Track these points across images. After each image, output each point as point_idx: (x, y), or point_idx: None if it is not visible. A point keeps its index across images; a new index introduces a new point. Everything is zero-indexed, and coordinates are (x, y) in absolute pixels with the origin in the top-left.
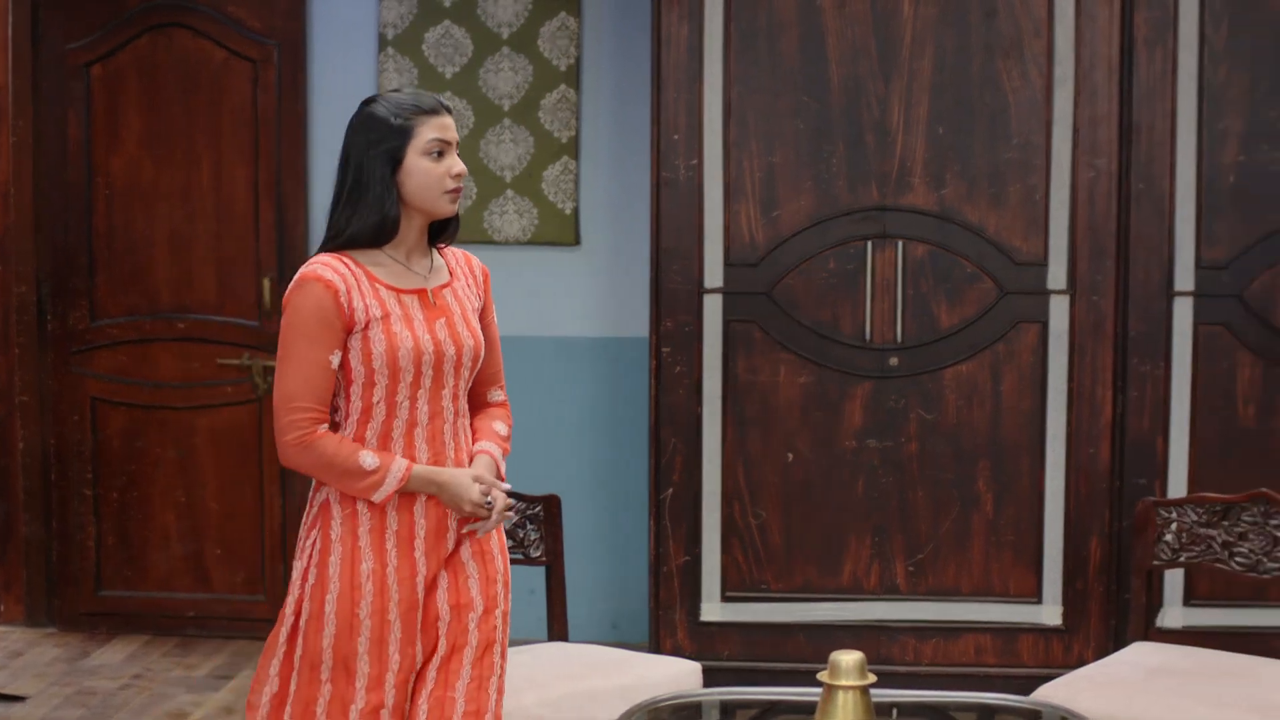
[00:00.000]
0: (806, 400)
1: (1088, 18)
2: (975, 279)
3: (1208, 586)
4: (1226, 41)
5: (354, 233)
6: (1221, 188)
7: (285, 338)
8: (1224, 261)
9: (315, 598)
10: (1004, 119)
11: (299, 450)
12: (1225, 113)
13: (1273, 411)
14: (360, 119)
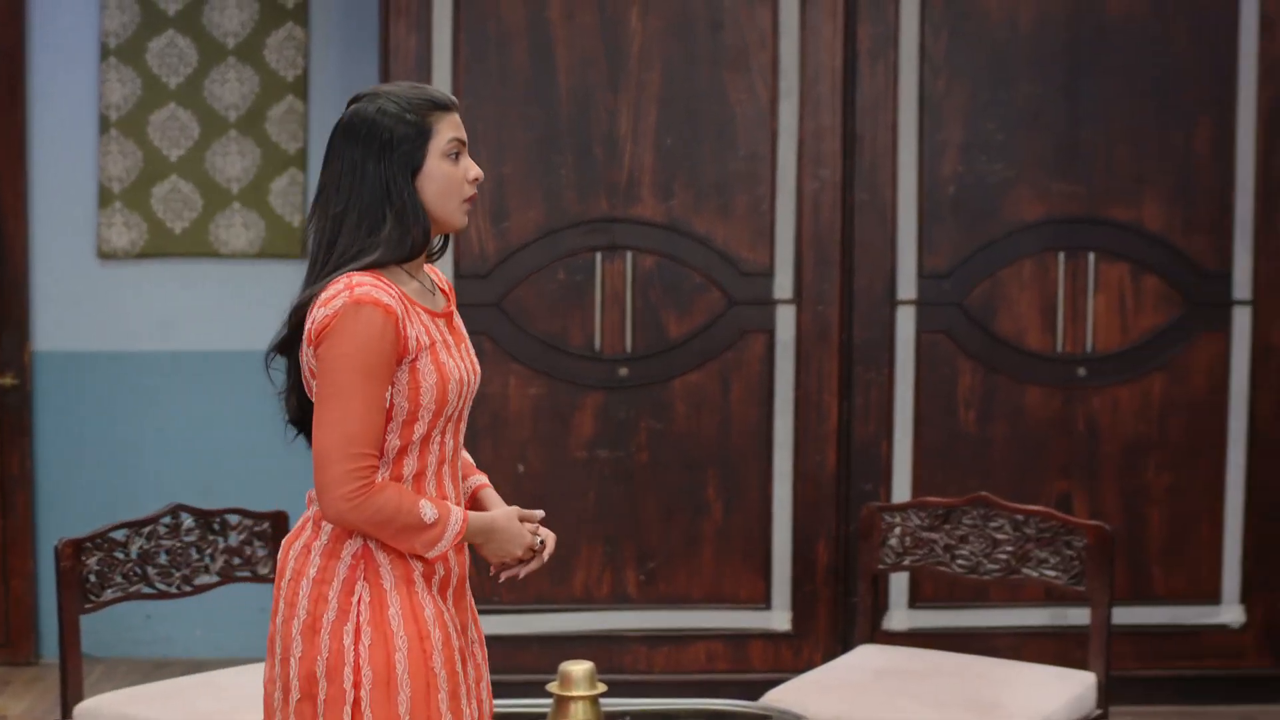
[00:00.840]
0: (537, 411)
1: (812, 31)
2: (703, 289)
3: (931, 589)
4: (946, 54)
5: (386, 251)
6: (942, 198)
7: (336, 371)
8: (945, 270)
9: (378, 659)
10: (731, 130)
11: (357, 505)
12: (945, 124)
13: (992, 417)
14: (362, 121)
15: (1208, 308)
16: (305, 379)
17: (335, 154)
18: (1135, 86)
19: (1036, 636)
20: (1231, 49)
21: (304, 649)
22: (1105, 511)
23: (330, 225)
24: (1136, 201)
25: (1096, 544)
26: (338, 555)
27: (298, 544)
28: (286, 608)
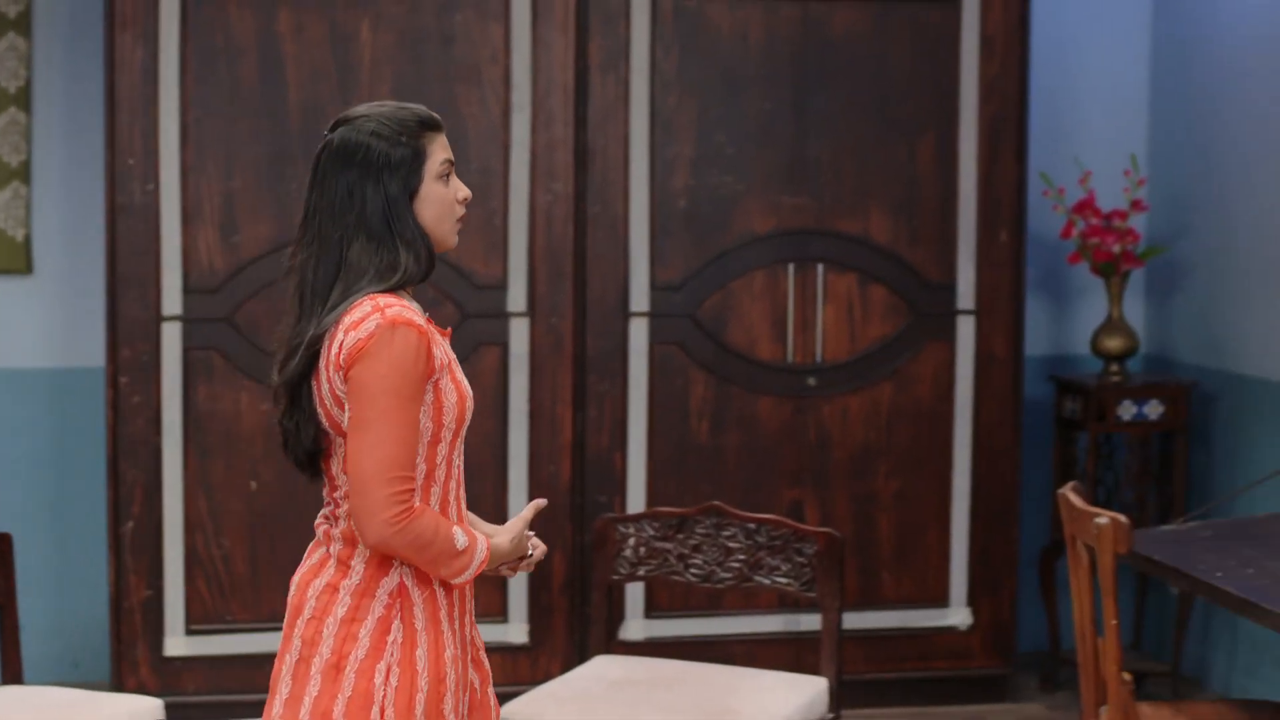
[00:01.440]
0: (269, 427)
1: (543, 45)
2: (437, 303)
3: (666, 598)
4: (677, 69)
5: (407, 274)
6: (673, 211)
7: (374, 394)
8: (677, 283)
9: (401, 701)
10: (463, 144)
11: (400, 530)
12: (676, 138)
13: (724, 427)
14: (357, 145)
15: (933, 318)
16: (325, 408)
17: (327, 178)
18: (861, 102)
19: (770, 643)
20: (953, 67)
21: (322, 687)
22: (836, 518)
23: (333, 249)
24: (863, 214)
25: (826, 550)
26: (372, 594)
27: (318, 582)
28: (304, 646)
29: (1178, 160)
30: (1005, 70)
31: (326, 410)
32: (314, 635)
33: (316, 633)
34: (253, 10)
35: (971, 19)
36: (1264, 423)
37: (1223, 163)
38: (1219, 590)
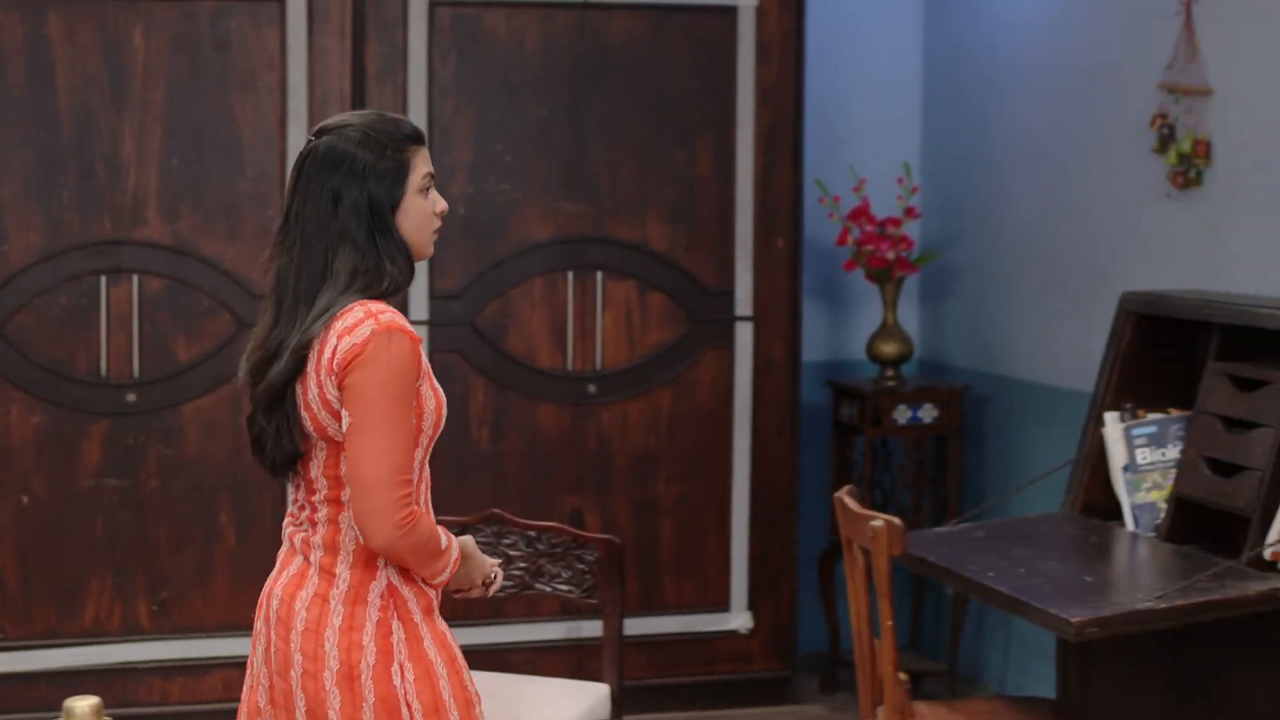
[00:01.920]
0: (41, 440)
1: (320, 51)
2: (213, 312)
3: (448, 607)
4: (454, 76)
5: (393, 282)
6: (452, 219)
7: (375, 400)
8: (456, 290)
9: (424, 691)
10: (238, 151)
11: (405, 531)
12: (454, 145)
13: (504, 434)
14: (342, 154)
15: (711, 324)
16: (312, 411)
17: (312, 184)
18: (638, 109)
19: (552, 650)
20: (730, 73)
21: (344, 698)
22: (617, 525)
23: (317, 256)
24: (641, 221)
25: (607, 557)
26: (364, 600)
27: (304, 594)
28: (308, 661)
29: (949, 168)
30: (781, 78)
31: (313, 415)
32: (315, 649)
33: (318, 645)
34: (20, 12)
35: (748, 26)
36: (1034, 425)
37: (991, 171)
38: (991, 590)
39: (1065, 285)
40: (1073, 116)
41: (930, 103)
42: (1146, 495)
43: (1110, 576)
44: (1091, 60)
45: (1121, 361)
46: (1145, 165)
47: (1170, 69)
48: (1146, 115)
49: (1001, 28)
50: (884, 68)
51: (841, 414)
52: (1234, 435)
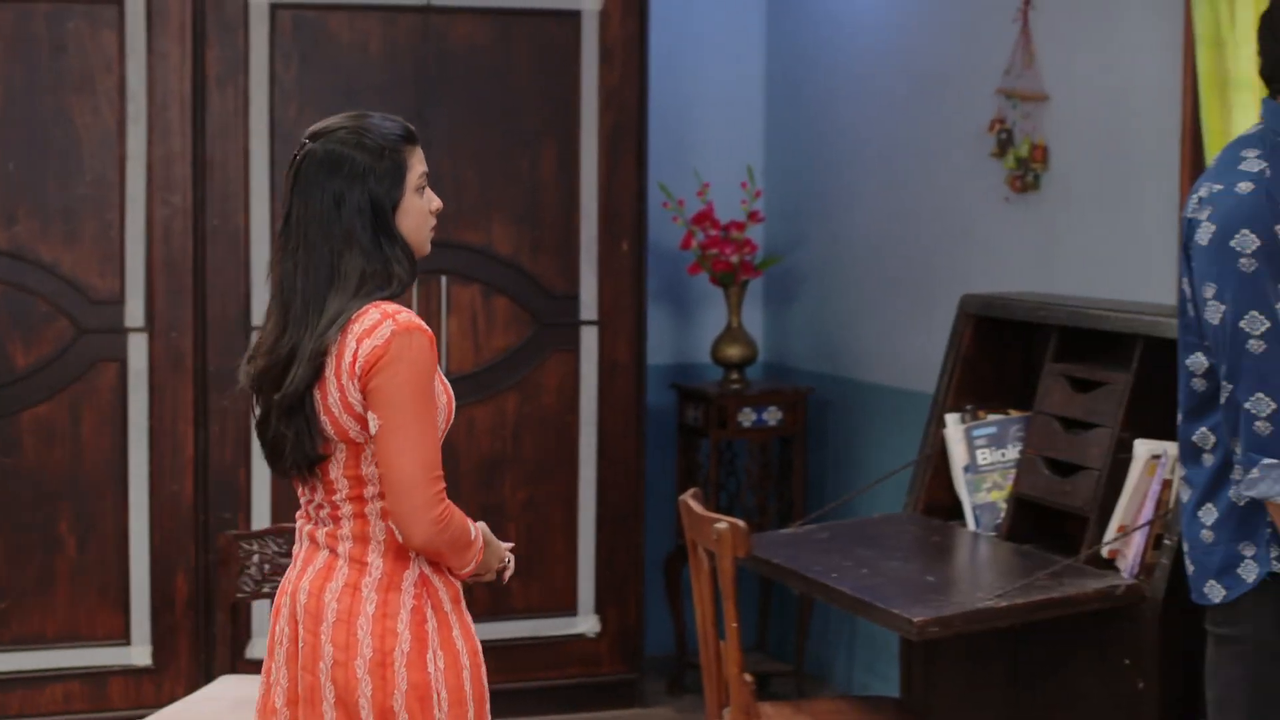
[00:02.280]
0: None
1: (159, 55)
2: (51, 318)
3: None
4: (297, 80)
5: (400, 282)
6: None
7: (405, 399)
8: None
9: (451, 681)
10: (76, 155)
11: (443, 526)
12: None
13: None
14: (342, 157)
15: (557, 328)
16: (331, 414)
17: (311, 189)
18: (483, 113)
19: None
20: (574, 77)
21: (375, 685)
22: None
23: (323, 260)
24: (486, 225)
25: None
26: (398, 588)
27: (334, 585)
28: (339, 652)
29: (791, 173)
30: (625, 82)
31: (334, 418)
32: (347, 639)
33: (350, 635)
34: None
35: (591, 31)
36: (878, 426)
37: (833, 175)
38: (835, 591)
39: (907, 288)
40: (913, 121)
41: (773, 107)
42: (987, 495)
43: (952, 576)
44: (931, 66)
45: (961, 363)
46: (984, 169)
47: (1008, 75)
48: (985, 120)
49: (843, 33)
50: (727, 72)
51: (687, 417)
52: (1072, 435)
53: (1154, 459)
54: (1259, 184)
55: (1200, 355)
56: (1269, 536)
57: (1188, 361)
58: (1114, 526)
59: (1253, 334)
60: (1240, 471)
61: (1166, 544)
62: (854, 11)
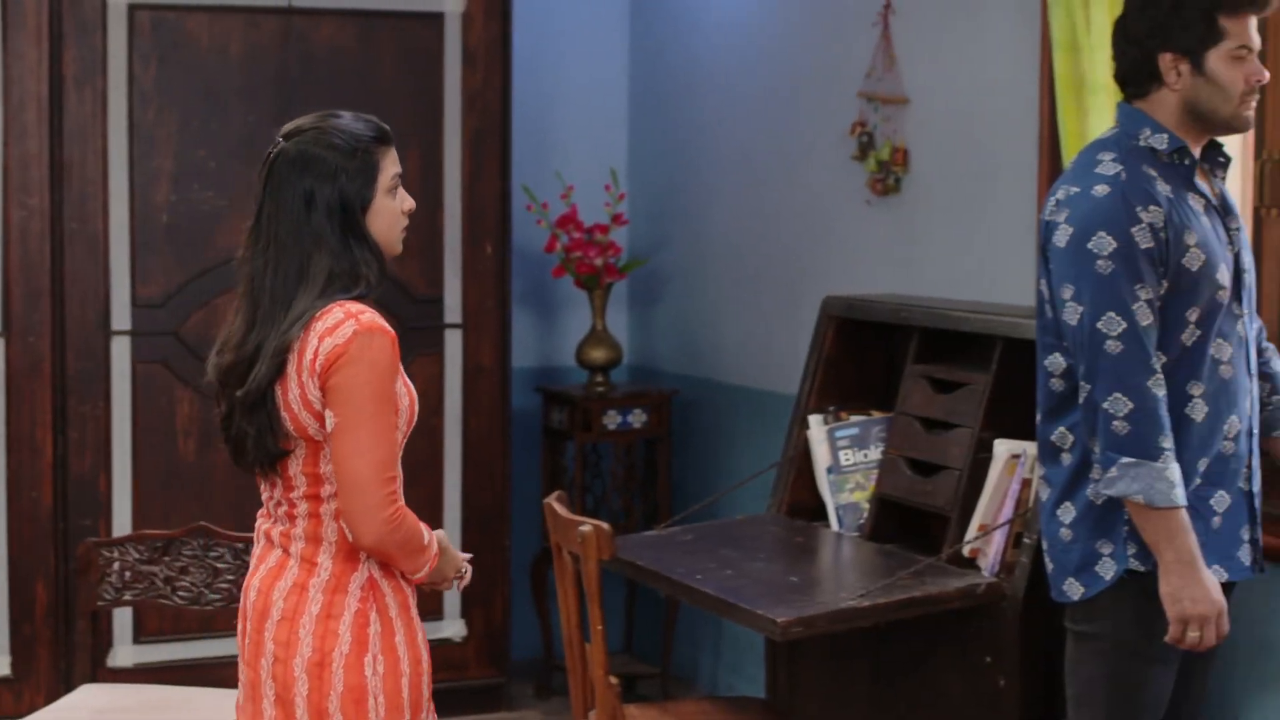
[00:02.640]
0: None
1: (15, 56)
2: None
3: (156, 623)
4: (156, 82)
5: (369, 283)
6: (155, 227)
7: (362, 398)
8: (159, 300)
9: (389, 686)
10: None
11: (394, 527)
12: (157, 152)
13: (212, 445)
14: (312, 156)
15: (421, 331)
16: (292, 411)
17: (283, 187)
18: None
19: None
20: (437, 80)
21: (311, 685)
22: None
23: (292, 258)
24: None
25: None
26: (344, 589)
27: (282, 584)
28: (280, 649)
29: (655, 175)
30: (488, 84)
31: (294, 415)
32: (289, 637)
33: (292, 634)
34: None
35: (454, 33)
36: (742, 428)
37: (697, 178)
38: (699, 592)
39: (770, 290)
40: (776, 124)
41: (636, 110)
42: (850, 496)
43: (815, 576)
44: (794, 69)
45: (824, 365)
46: (846, 172)
47: (869, 78)
48: (846, 123)
49: (706, 36)
50: (590, 75)
51: (552, 420)
52: (933, 436)
53: (1013, 458)
54: (1115, 187)
55: (1058, 356)
56: (1126, 534)
57: (1046, 362)
58: (975, 525)
59: (1110, 335)
60: (1098, 470)
61: (1026, 542)
62: (717, 14)
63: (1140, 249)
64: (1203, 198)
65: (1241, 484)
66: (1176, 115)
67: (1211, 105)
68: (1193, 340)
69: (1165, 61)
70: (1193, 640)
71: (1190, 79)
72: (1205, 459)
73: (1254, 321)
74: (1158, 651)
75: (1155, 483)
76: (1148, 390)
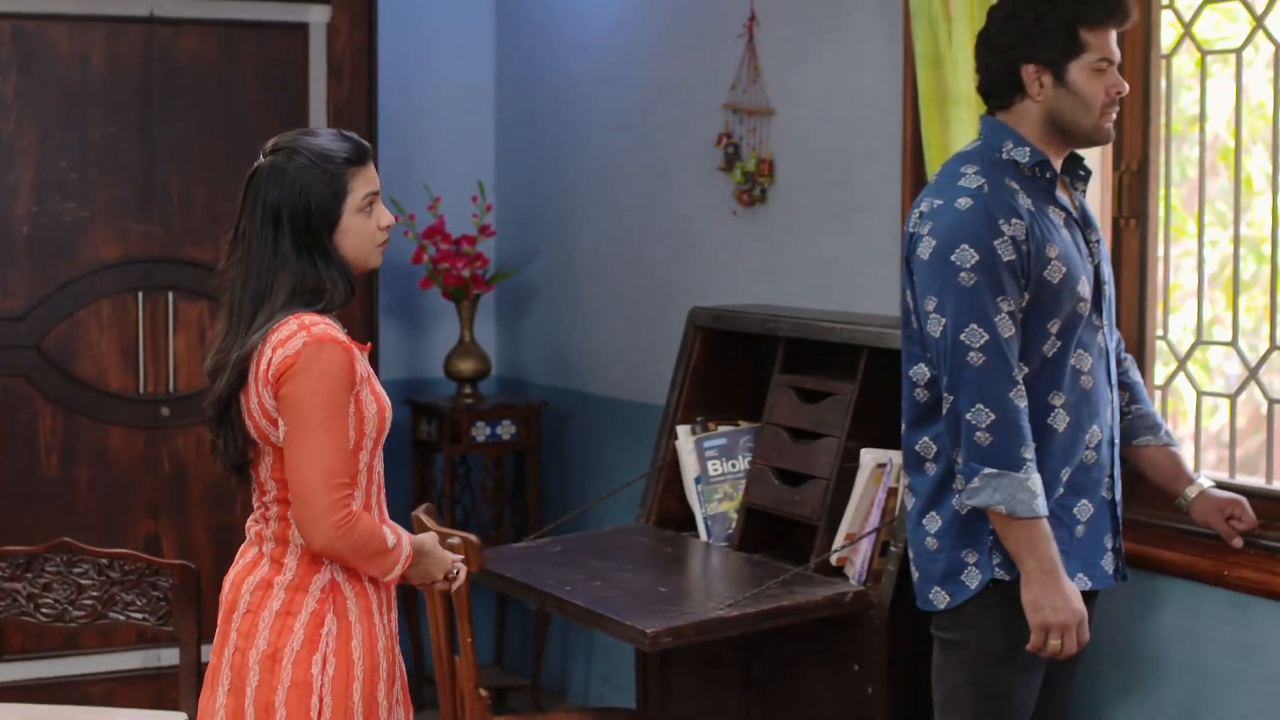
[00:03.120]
0: None
1: None
2: None
3: (20, 640)
4: (16, 92)
5: (332, 299)
6: (16, 239)
7: (309, 408)
8: (20, 313)
9: (338, 688)
10: None
11: (343, 532)
12: (17, 163)
13: (75, 460)
14: (282, 175)
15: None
16: (254, 420)
17: (257, 203)
18: (210, 128)
19: (131, 680)
20: (302, 91)
21: (261, 678)
22: (194, 549)
23: (259, 272)
24: (214, 241)
25: (182, 583)
26: (305, 589)
27: (252, 579)
28: (241, 639)
29: (523, 186)
30: (353, 95)
31: (255, 423)
32: (250, 628)
33: (253, 626)
34: None
35: (319, 44)
36: (612, 439)
37: (565, 188)
38: (569, 604)
39: (638, 301)
40: (643, 135)
41: (503, 121)
42: (718, 506)
43: (684, 586)
44: (660, 80)
45: (691, 375)
46: (712, 183)
47: (734, 90)
48: (713, 134)
49: (573, 47)
50: (457, 87)
51: (420, 432)
52: (800, 445)
53: (879, 467)
54: (978, 199)
55: (923, 366)
56: (991, 544)
57: (911, 372)
58: (842, 535)
59: (973, 347)
60: (962, 481)
61: (893, 551)
62: (584, 26)
63: (1002, 261)
64: (1063, 210)
65: (1104, 493)
66: (1039, 127)
67: (1073, 117)
68: (1054, 351)
69: (1028, 73)
70: (1054, 648)
71: (1052, 90)
72: (1068, 468)
73: (1113, 333)
74: (1022, 659)
75: (1017, 493)
76: (1009, 401)
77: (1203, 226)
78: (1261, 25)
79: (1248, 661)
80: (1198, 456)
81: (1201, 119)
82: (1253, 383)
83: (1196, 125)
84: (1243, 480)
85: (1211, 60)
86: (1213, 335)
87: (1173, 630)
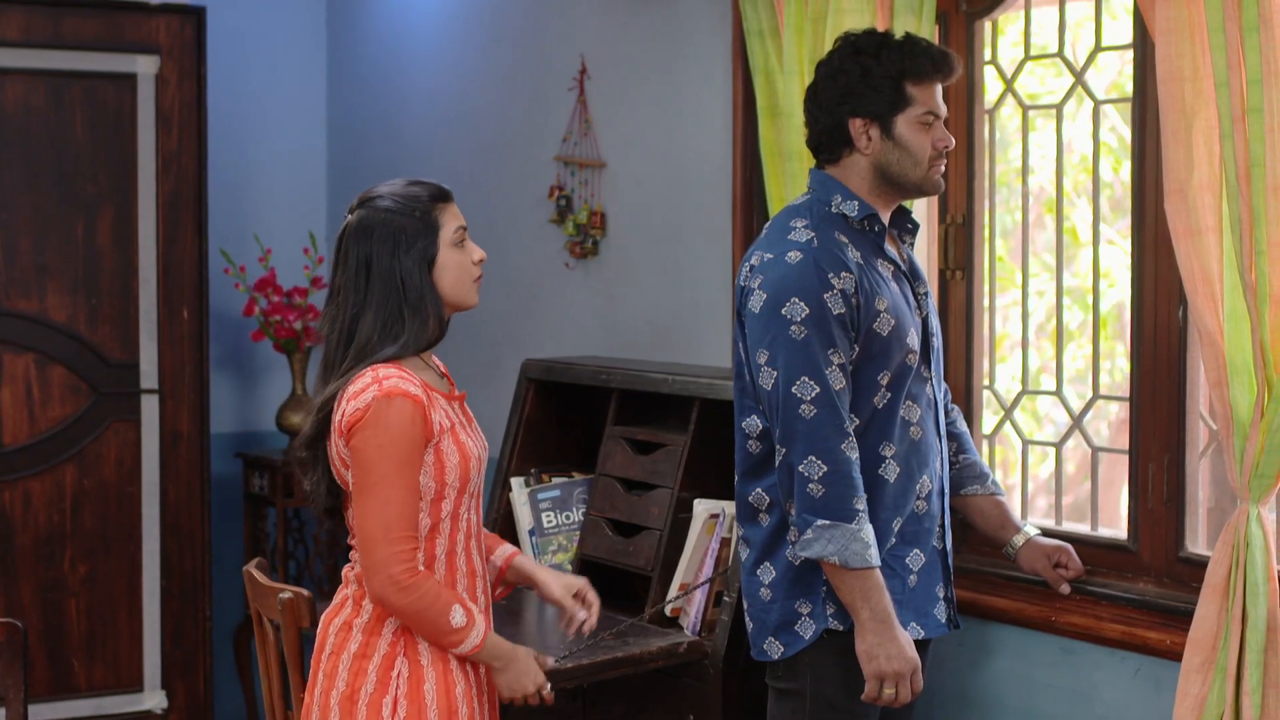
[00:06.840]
0: None
1: None
2: None
3: None
4: None
5: (408, 341)
6: None
7: (374, 461)
8: None
9: None
10: None
11: (401, 590)
12: None
13: None
14: (374, 223)
15: (116, 397)
16: (336, 468)
17: (348, 256)
18: (37, 177)
19: None
20: (131, 142)
21: (341, 718)
22: (20, 607)
23: (348, 323)
24: (40, 293)
25: (7, 641)
26: (379, 632)
27: (338, 620)
28: (325, 680)
29: None
30: (183, 146)
31: (338, 471)
32: (332, 669)
33: (334, 667)
34: None
35: (148, 94)
36: None
37: None
38: None
39: (472, 353)
40: (477, 188)
41: (335, 173)
42: (553, 557)
43: (520, 638)
44: (494, 133)
45: (524, 427)
46: (545, 235)
47: (566, 143)
48: (545, 187)
49: (406, 97)
50: (288, 138)
51: (253, 485)
52: (633, 496)
53: (712, 518)
54: (807, 253)
55: (755, 418)
56: (825, 594)
57: (743, 424)
58: (676, 585)
59: (804, 399)
60: (795, 533)
61: (727, 600)
62: (417, 79)
63: (833, 314)
64: (892, 263)
65: (935, 542)
66: (869, 179)
67: (901, 169)
68: (884, 403)
69: (856, 127)
70: (889, 697)
71: (880, 143)
72: (899, 518)
73: (941, 384)
74: (857, 707)
75: (850, 544)
76: (841, 453)
77: (1028, 277)
78: (1080, 81)
79: (1076, 706)
80: (1024, 504)
81: (1024, 172)
82: (1077, 431)
83: (1020, 178)
84: (1070, 527)
85: (1034, 114)
86: (1040, 384)
87: (1005, 676)
